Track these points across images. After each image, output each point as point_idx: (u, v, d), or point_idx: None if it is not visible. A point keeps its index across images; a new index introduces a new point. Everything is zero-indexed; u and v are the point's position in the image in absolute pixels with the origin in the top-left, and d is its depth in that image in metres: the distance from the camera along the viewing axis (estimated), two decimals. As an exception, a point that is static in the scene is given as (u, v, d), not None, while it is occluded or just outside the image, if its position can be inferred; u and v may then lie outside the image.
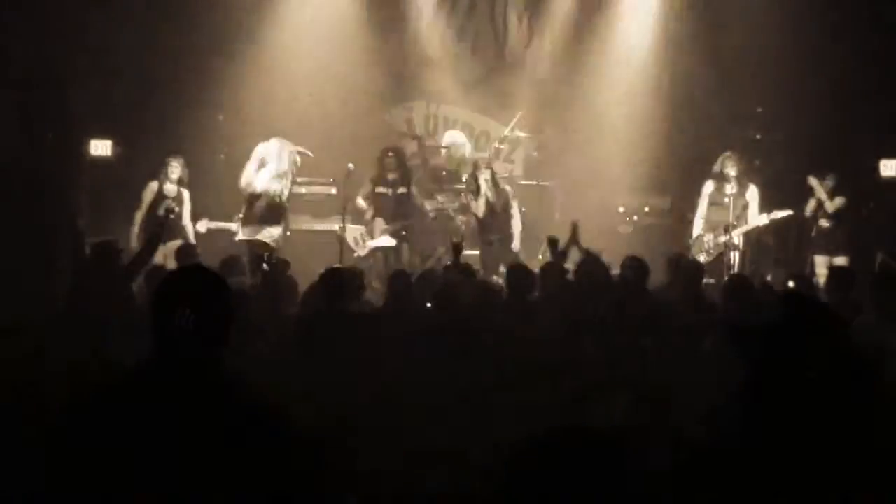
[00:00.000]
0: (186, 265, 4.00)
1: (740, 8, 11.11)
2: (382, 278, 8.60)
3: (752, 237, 9.83)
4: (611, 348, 5.17)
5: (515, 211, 9.76)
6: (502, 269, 8.08)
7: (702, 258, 9.08)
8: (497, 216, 9.47)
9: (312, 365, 5.46)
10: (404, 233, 9.95)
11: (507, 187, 9.81)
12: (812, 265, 9.74)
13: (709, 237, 9.52)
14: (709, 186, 9.70)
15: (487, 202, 9.38)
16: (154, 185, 9.75)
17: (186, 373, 2.24)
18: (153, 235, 7.40)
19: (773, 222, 9.41)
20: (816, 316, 2.49)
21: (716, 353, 4.76)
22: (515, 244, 9.55)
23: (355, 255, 9.87)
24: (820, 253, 9.63)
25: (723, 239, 9.36)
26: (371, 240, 9.91)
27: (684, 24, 11.44)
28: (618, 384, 4.63)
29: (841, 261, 9.17)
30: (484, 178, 9.38)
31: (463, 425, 5.18)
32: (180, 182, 9.88)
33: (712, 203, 9.61)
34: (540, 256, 9.09)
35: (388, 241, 9.83)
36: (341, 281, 5.86)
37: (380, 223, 9.87)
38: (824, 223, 9.67)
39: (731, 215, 9.33)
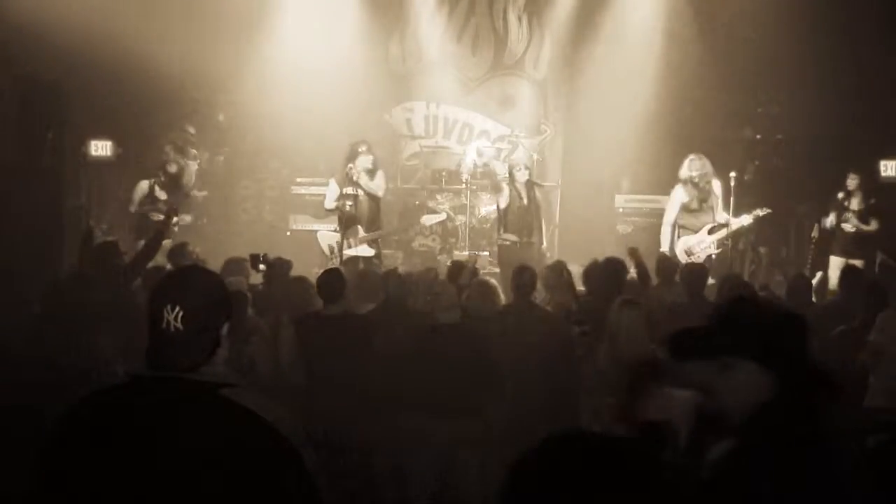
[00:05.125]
0: (185, 265, 3.99)
1: (741, 9, 11.11)
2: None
3: (739, 238, 9.84)
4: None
5: (542, 216, 9.67)
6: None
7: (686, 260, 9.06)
8: (520, 219, 9.35)
9: (310, 365, 5.46)
10: (382, 240, 9.50)
11: (539, 193, 9.71)
12: (816, 265, 9.77)
13: (692, 239, 9.45)
14: (679, 193, 9.56)
15: (515, 199, 9.33)
16: (145, 186, 9.83)
17: (179, 374, 2.22)
18: (155, 235, 7.37)
19: (756, 221, 9.38)
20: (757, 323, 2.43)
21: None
22: (544, 245, 9.45)
23: (329, 263, 9.15)
24: (837, 255, 9.63)
25: (707, 242, 9.38)
26: (347, 249, 9.22)
27: (685, 24, 11.43)
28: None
29: (856, 263, 9.20)
30: (523, 178, 9.34)
31: (460, 426, 5.18)
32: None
33: (685, 209, 9.51)
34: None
35: (366, 251, 9.24)
36: (340, 282, 5.84)
37: (357, 230, 9.24)
38: (847, 227, 9.67)
39: (713, 217, 9.39)
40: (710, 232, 9.38)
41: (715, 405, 2.37)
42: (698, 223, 9.49)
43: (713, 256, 9.34)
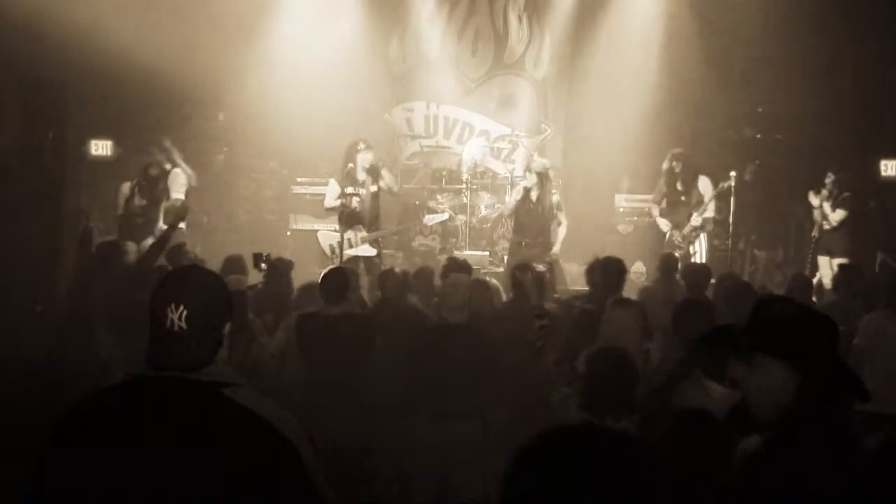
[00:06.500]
0: (185, 265, 3.98)
1: (741, 9, 11.10)
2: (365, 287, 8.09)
3: (738, 238, 9.95)
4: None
5: (563, 219, 9.57)
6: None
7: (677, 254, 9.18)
8: (535, 220, 9.31)
9: (312, 365, 5.46)
10: (382, 240, 9.54)
11: (556, 197, 9.69)
12: (815, 265, 9.79)
13: (676, 234, 9.63)
14: (662, 186, 9.84)
15: (527, 204, 9.31)
16: (126, 189, 9.81)
17: (182, 373, 2.22)
18: (162, 236, 7.36)
19: (721, 189, 9.46)
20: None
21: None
22: (556, 249, 9.40)
23: (330, 263, 8.92)
24: (822, 254, 9.68)
25: (687, 229, 9.54)
26: (349, 248, 9.16)
27: (685, 24, 11.43)
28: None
29: (841, 262, 9.19)
30: (539, 179, 9.29)
31: (462, 426, 5.18)
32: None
33: (671, 203, 9.74)
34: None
35: (368, 251, 9.19)
36: (342, 282, 5.82)
37: (359, 230, 9.22)
38: (827, 227, 9.71)
39: (690, 211, 9.57)
40: (688, 218, 9.62)
41: (746, 400, 2.41)
42: (676, 217, 9.67)
43: (679, 245, 9.52)
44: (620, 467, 1.55)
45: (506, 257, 9.93)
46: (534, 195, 9.30)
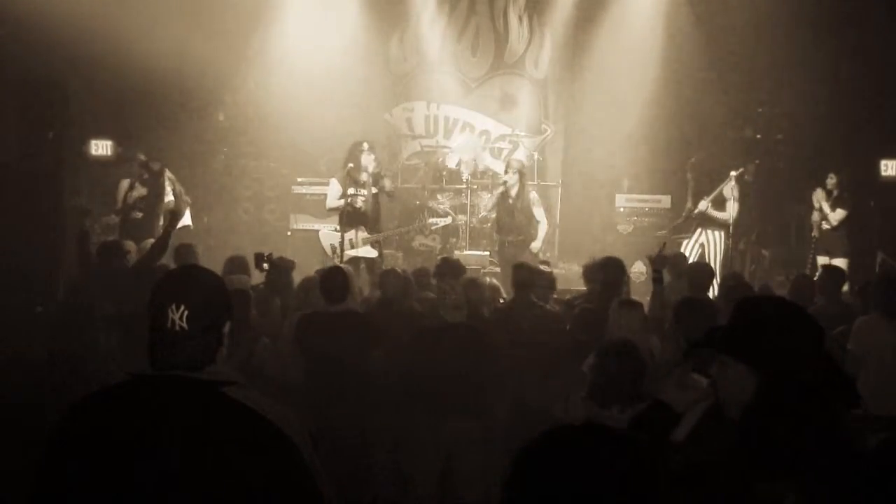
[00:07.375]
0: (185, 264, 3.98)
1: (741, 9, 11.11)
2: (366, 286, 8.10)
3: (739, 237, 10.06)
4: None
5: (541, 217, 9.53)
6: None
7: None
8: (515, 218, 9.35)
9: (313, 364, 5.45)
10: (384, 240, 9.52)
11: (534, 194, 9.68)
12: (815, 265, 9.79)
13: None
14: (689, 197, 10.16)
15: (506, 202, 9.33)
16: (125, 185, 9.79)
17: (182, 373, 2.21)
18: (163, 236, 7.36)
19: (717, 194, 9.65)
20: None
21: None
22: (535, 244, 9.39)
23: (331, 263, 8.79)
24: (822, 254, 9.69)
25: (695, 213, 9.79)
26: (350, 249, 9.08)
27: (685, 24, 11.44)
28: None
29: (840, 262, 9.20)
30: (512, 180, 9.29)
31: (463, 425, 5.18)
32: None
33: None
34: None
35: (369, 252, 9.15)
36: (343, 280, 5.82)
37: (361, 232, 9.16)
38: (826, 226, 9.72)
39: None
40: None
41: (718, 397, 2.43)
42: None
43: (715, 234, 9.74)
44: (620, 467, 1.55)
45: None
46: (513, 192, 9.33)
